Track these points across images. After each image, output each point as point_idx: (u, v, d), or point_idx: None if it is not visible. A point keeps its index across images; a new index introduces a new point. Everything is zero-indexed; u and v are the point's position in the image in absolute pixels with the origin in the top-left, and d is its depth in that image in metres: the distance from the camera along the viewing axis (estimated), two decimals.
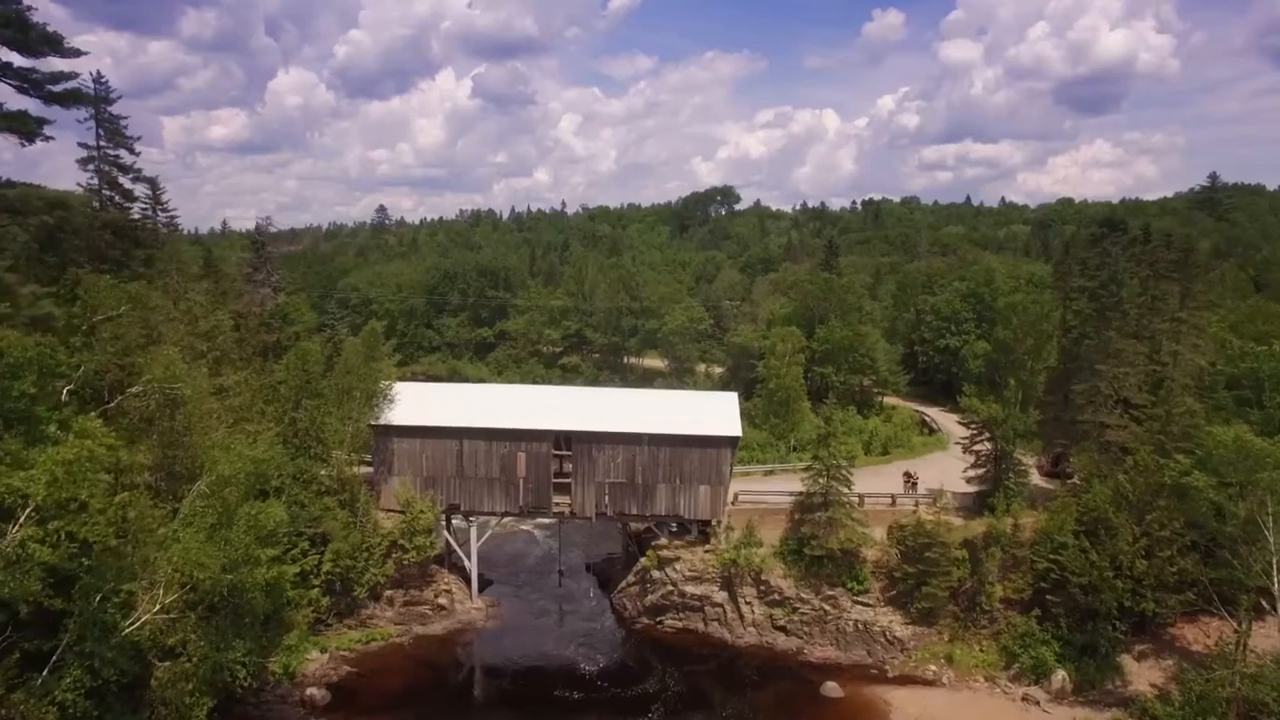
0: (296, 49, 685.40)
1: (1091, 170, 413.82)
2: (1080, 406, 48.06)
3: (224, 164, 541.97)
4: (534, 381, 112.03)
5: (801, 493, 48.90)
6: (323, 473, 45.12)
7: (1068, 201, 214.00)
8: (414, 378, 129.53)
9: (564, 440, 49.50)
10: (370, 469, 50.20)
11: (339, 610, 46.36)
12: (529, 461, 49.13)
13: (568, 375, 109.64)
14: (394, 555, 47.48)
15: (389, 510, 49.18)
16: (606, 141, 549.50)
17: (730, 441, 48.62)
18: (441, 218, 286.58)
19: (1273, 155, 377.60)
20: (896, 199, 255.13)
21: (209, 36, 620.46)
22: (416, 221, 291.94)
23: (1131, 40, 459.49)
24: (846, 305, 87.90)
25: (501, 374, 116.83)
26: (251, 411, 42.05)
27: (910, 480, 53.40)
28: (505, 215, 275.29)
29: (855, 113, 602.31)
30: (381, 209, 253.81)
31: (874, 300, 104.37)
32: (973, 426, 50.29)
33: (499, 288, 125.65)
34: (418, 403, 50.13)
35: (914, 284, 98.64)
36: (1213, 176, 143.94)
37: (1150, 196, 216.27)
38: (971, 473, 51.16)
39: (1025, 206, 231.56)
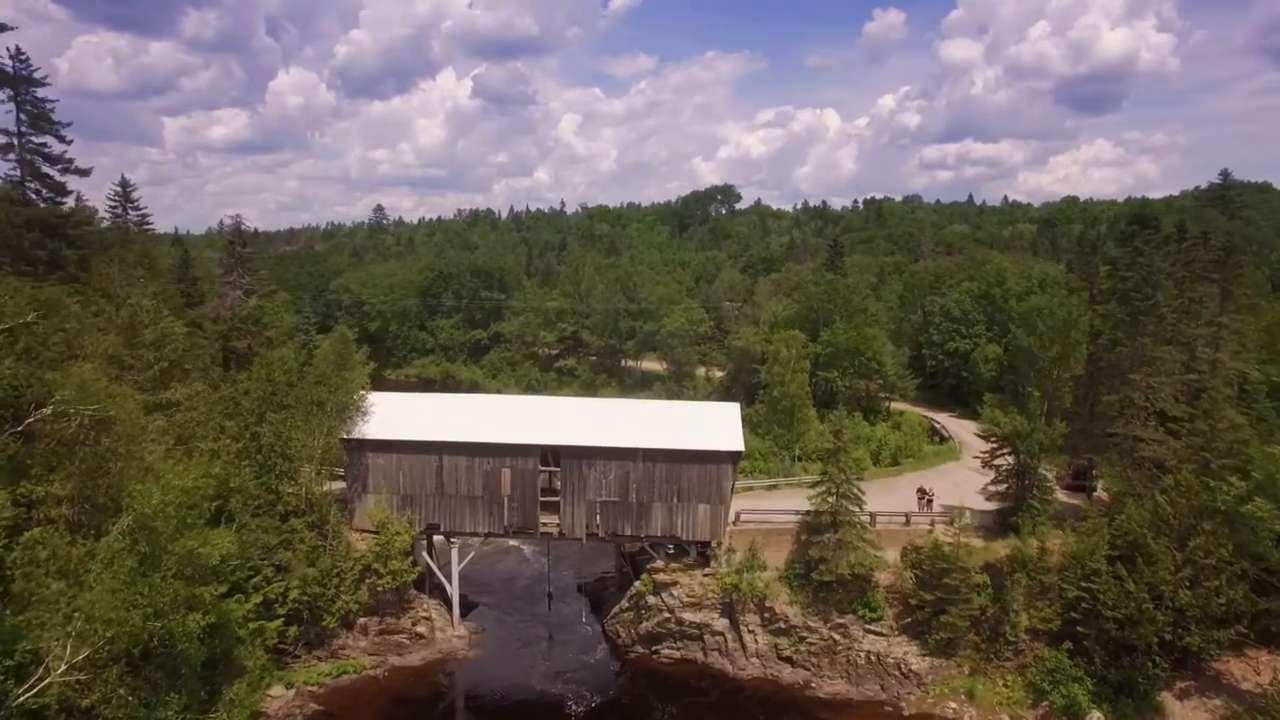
0: (297, 49, 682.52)
1: (1092, 169, 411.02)
2: (1110, 419, 44.01)
3: (225, 164, 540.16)
4: (529, 385, 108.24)
5: (808, 511, 44.96)
6: (288, 492, 41.15)
7: (1072, 200, 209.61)
8: (407, 380, 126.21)
9: (552, 455, 45.53)
10: (344, 484, 46.30)
11: (307, 640, 42.40)
12: (514, 478, 45.17)
13: (564, 378, 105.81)
14: (368, 580, 43.55)
15: (363, 531, 45.20)
16: (607, 141, 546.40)
17: (732, 456, 44.64)
18: (440, 217, 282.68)
19: (1276, 154, 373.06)
20: (898, 198, 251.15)
21: (210, 37, 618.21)
22: (415, 221, 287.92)
23: (1132, 39, 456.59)
24: (851, 307, 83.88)
25: (496, 377, 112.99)
26: (208, 428, 38.06)
27: (925, 497, 49.38)
28: (504, 215, 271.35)
29: (856, 112, 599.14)
30: (379, 208, 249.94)
31: (878, 301, 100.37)
32: (994, 440, 46.27)
33: (494, 288, 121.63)
34: (394, 415, 46.13)
35: (921, 284, 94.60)
36: (1224, 174, 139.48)
37: (1152, 195, 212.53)
38: (992, 489, 47.14)
39: (1029, 205, 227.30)
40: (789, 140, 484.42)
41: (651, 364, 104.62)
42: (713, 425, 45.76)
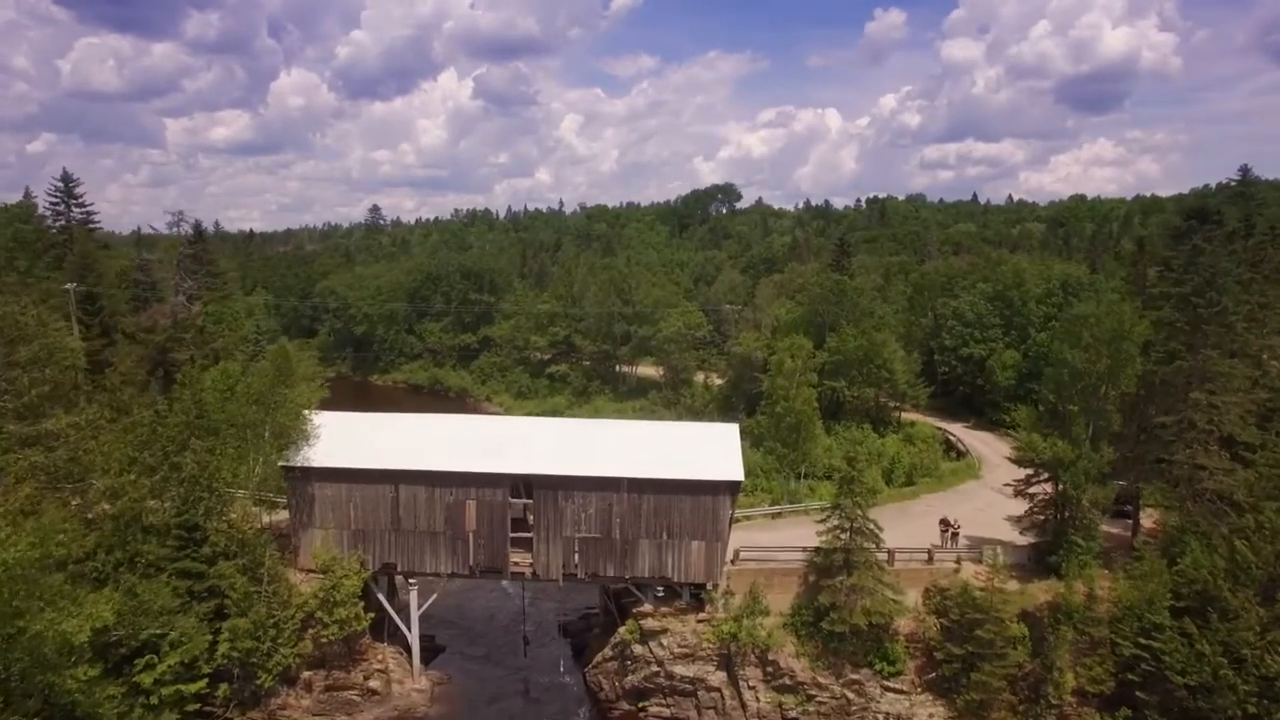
0: (299, 50, 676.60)
1: (1094, 168, 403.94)
2: (1165, 443, 37.71)
3: (227, 165, 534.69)
4: (519, 391, 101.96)
5: (817, 549, 38.78)
6: (215, 530, 35.00)
7: (1080, 198, 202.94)
8: (394, 386, 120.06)
9: (523, 486, 39.37)
10: (289, 517, 40.16)
11: (240, 700, 36.32)
12: (480, 512, 38.97)
13: (556, 385, 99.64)
14: (311, 630, 37.36)
15: (310, 571, 39.08)
16: (609, 141, 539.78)
17: (730, 487, 38.37)
18: (437, 217, 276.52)
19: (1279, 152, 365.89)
20: (900, 197, 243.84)
21: (212, 38, 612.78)
22: (412, 222, 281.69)
23: (1133, 38, 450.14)
24: (859, 310, 77.54)
25: (485, 383, 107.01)
26: (111, 460, 31.84)
27: (949, 529, 43.07)
28: (503, 215, 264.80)
29: (857, 112, 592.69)
30: (375, 208, 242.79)
31: (885, 303, 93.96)
32: (1029, 466, 39.96)
33: (484, 291, 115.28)
34: (344, 438, 39.92)
35: (932, 285, 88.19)
36: (1244, 169, 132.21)
37: (1154, 194, 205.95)
38: (1026, 521, 40.92)
39: (1034, 204, 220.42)
40: (790, 140, 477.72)
41: (648, 370, 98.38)
42: (708, 450, 39.49)
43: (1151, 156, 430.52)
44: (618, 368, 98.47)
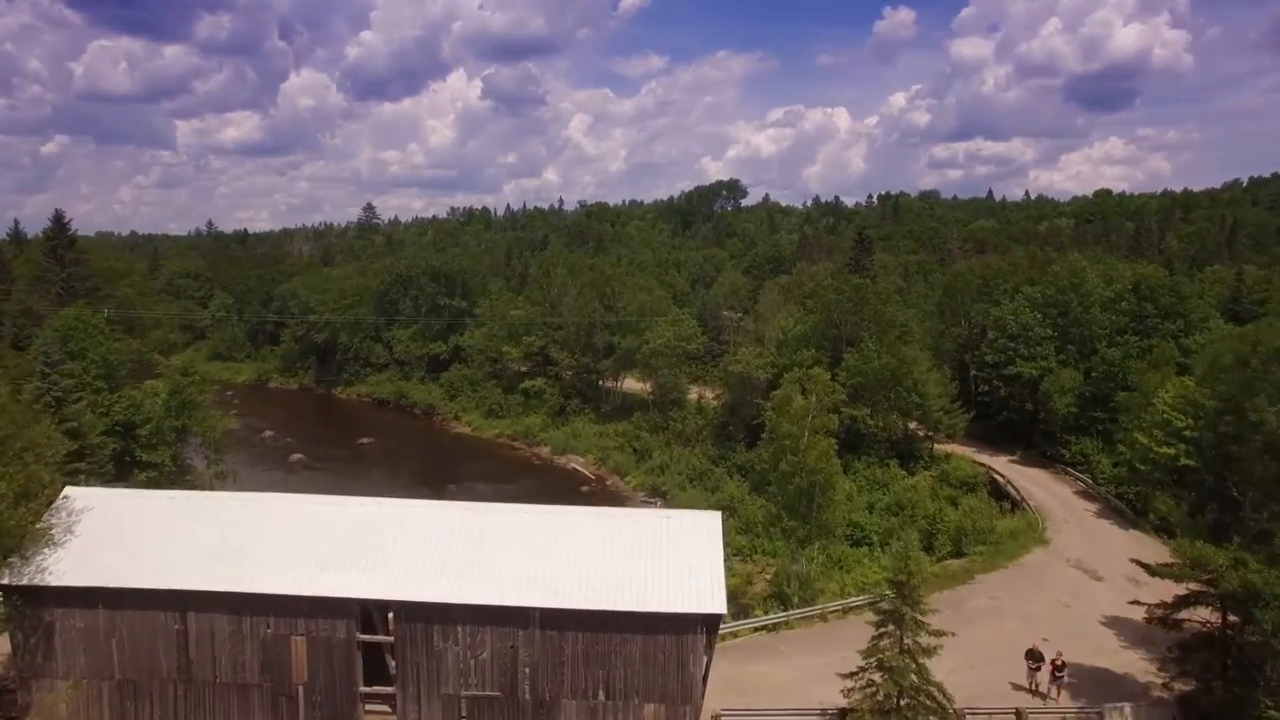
0: (309, 51, 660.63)
1: (1104, 166, 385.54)
2: None
3: (236, 166, 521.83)
4: (490, 409, 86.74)
5: (844, 713, 23.68)
6: None
7: (1105, 193, 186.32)
8: (359, 400, 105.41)
9: (381, 615, 24.35)
10: (14, 660, 25.24)
11: None
12: (314, 654, 23.96)
13: (531, 402, 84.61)
14: None
15: None
16: (617, 141, 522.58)
17: (706, 622, 23.18)
18: (435, 216, 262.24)
19: None
20: (911, 195, 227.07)
21: (223, 39, 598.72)
22: (411, 221, 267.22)
23: (1145, 36, 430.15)
24: (884, 320, 62.20)
25: (454, 398, 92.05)
26: None
27: (1042, 665, 27.50)
28: (503, 214, 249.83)
29: (866, 111, 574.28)
30: (369, 207, 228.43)
31: (908, 307, 78.46)
32: (1182, 579, 24.57)
33: (455, 294, 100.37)
34: (107, 536, 24.97)
35: (965, 289, 72.45)
36: None
37: (1187, 188, 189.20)
38: (1175, 668, 25.51)
39: (1055, 201, 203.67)
40: (799, 139, 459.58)
41: (636, 385, 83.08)
42: (672, 559, 24.24)
43: (1163, 154, 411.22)
44: (601, 383, 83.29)
